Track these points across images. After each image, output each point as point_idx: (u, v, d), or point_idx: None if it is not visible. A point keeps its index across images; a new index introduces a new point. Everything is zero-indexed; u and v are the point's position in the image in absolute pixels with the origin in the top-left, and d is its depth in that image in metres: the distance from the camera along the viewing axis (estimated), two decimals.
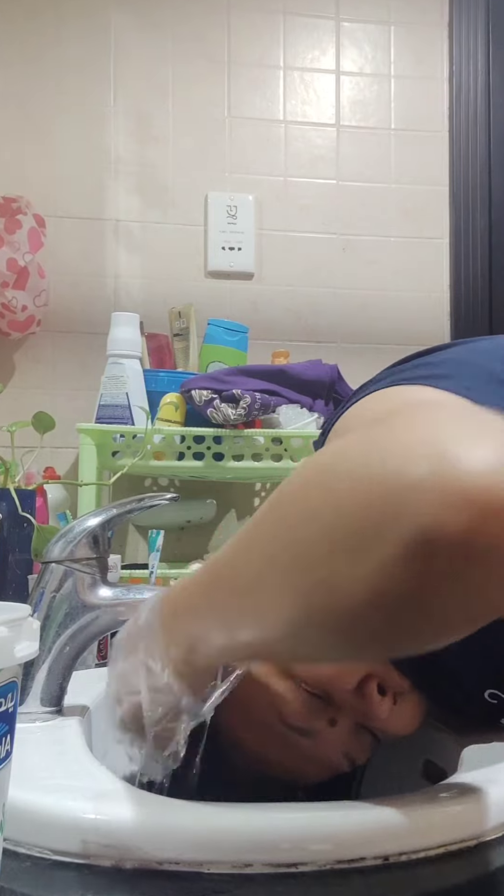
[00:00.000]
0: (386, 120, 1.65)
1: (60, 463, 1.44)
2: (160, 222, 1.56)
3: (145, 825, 0.43)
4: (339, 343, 1.59)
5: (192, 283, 1.55)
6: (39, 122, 1.52)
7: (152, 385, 1.32)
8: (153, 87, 1.57)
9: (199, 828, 0.43)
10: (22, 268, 1.38)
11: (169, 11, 1.57)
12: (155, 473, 1.42)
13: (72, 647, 0.67)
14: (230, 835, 0.43)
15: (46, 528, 1.00)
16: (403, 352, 0.65)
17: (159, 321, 1.47)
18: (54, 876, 0.42)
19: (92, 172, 1.54)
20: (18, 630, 0.38)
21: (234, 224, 1.57)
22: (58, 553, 0.68)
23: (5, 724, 0.36)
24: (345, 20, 1.64)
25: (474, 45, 1.68)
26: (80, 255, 1.52)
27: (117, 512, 0.72)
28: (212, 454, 1.24)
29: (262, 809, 0.46)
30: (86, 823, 0.43)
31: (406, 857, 0.44)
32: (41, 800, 0.46)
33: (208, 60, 1.59)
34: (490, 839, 0.47)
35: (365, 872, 0.42)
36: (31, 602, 0.67)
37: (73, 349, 1.50)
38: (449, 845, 0.45)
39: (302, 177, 1.61)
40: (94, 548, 0.69)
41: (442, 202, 1.65)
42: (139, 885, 0.41)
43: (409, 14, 1.66)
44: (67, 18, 1.53)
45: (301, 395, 1.31)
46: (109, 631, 0.71)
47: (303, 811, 0.46)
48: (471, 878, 0.43)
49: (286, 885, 0.41)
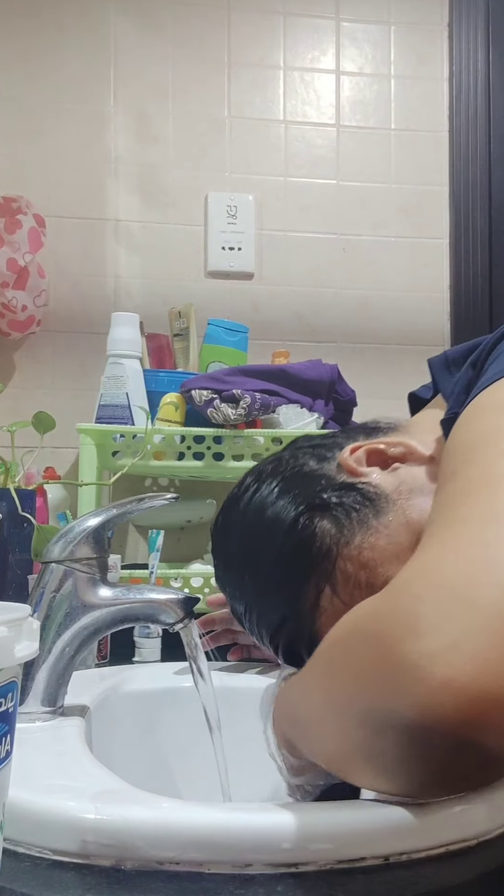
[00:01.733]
0: (386, 120, 1.65)
1: (60, 463, 1.44)
2: (160, 222, 1.56)
3: (145, 825, 0.43)
4: (339, 343, 1.59)
5: (192, 283, 1.55)
6: (39, 122, 1.52)
7: (152, 385, 1.32)
8: (153, 87, 1.57)
9: (199, 828, 0.43)
10: (22, 268, 1.38)
11: (169, 11, 1.57)
12: (155, 473, 1.42)
13: (72, 647, 0.67)
14: (230, 835, 0.43)
15: (46, 528, 1.00)
16: (403, 352, 0.66)
17: (159, 321, 1.47)
18: (54, 876, 0.42)
19: (92, 172, 1.54)
20: (18, 630, 0.38)
21: (234, 224, 1.56)
22: (58, 553, 0.68)
23: (5, 724, 0.36)
24: (345, 20, 1.64)
25: (474, 45, 1.68)
26: (80, 255, 1.52)
27: (117, 512, 0.72)
28: (212, 454, 1.24)
29: (262, 809, 0.46)
30: (86, 823, 0.43)
31: (407, 856, 0.44)
32: (41, 800, 0.46)
33: (208, 61, 1.59)
34: (491, 838, 0.47)
35: (365, 872, 0.42)
36: (31, 602, 0.67)
37: (73, 349, 1.50)
38: (450, 845, 0.45)
39: (302, 177, 1.61)
40: (95, 548, 0.69)
41: (442, 202, 1.65)
42: (139, 885, 0.41)
43: (409, 14, 1.66)
44: (67, 18, 1.53)
45: (301, 395, 1.31)
46: (109, 631, 0.71)
47: (303, 811, 0.46)
48: (472, 877, 0.43)
49: (286, 885, 0.41)
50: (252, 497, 0.69)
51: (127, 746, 0.78)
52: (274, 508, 0.66)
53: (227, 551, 0.72)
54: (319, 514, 0.64)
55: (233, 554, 0.71)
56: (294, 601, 0.64)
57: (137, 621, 0.73)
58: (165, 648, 1.03)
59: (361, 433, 0.71)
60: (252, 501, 0.69)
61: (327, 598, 0.63)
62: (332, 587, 0.62)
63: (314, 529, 0.64)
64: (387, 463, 0.67)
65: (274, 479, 0.69)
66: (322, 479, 0.67)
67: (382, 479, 0.66)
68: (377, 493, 0.64)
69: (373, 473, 0.66)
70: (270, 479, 0.69)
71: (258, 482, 0.70)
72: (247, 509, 0.69)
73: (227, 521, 0.72)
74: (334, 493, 0.65)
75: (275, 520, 0.65)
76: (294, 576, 0.64)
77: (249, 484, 0.71)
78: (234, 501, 0.71)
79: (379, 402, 1.42)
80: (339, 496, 0.65)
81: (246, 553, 0.68)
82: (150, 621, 0.71)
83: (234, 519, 0.71)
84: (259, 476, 0.71)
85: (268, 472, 0.70)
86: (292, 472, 0.69)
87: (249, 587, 0.68)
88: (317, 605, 0.63)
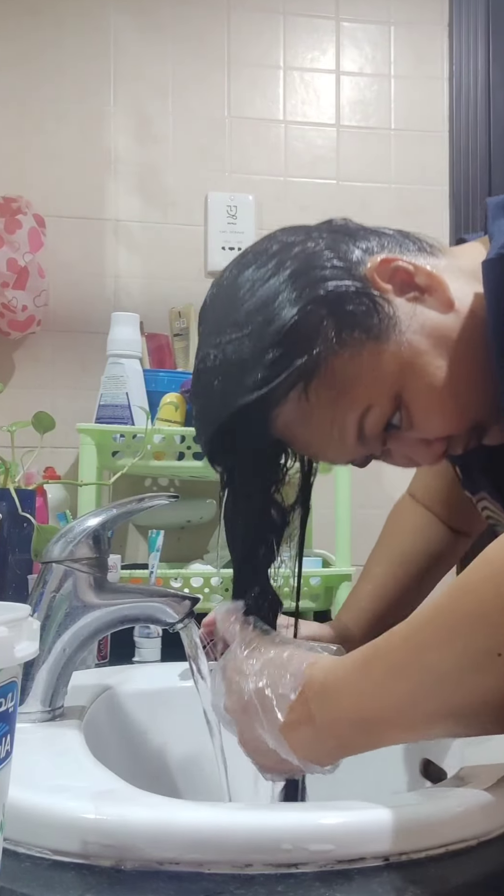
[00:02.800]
0: (386, 120, 1.65)
1: (60, 463, 1.44)
2: (160, 222, 1.56)
3: (145, 825, 0.43)
4: None
5: (192, 283, 1.55)
6: (39, 122, 1.52)
7: (152, 385, 1.32)
8: (153, 87, 1.57)
9: (199, 828, 0.43)
10: (22, 268, 1.38)
11: (169, 11, 1.57)
12: (155, 473, 1.42)
13: (72, 647, 0.67)
14: (230, 835, 0.43)
15: (46, 528, 1.00)
16: None
17: (159, 321, 1.47)
18: (54, 876, 0.42)
19: (92, 172, 1.54)
20: (18, 630, 0.38)
21: (234, 224, 1.56)
22: (58, 553, 0.68)
23: (5, 724, 0.36)
24: (345, 20, 1.64)
25: (474, 45, 1.68)
26: (80, 255, 1.52)
27: (117, 512, 0.72)
28: None
29: (262, 809, 0.46)
30: (86, 823, 0.44)
31: (406, 857, 0.44)
32: (41, 800, 0.46)
33: (208, 60, 1.59)
34: (491, 839, 0.47)
35: (365, 872, 0.42)
36: (31, 602, 0.67)
37: (72, 349, 1.50)
38: (450, 845, 0.45)
39: (302, 177, 1.61)
40: (94, 548, 0.69)
41: (442, 202, 1.65)
42: (139, 885, 0.41)
43: (409, 14, 1.66)
44: (67, 18, 1.53)
45: None
46: (109, 631, 0.71)
47: (303, 811, 0.46)
48: (472, 877, 0.43)
49: (286, 885, 0.41)
50: (255, 271, 0.63)
51: (127, 746, 0.78)
52: (273, 286, 0.61)
53: (209, 316, 0.66)
54: (326, 309, 0.60)
55: (221, 321, 0.64)
56: (261, 385, 0.59)
57: (137, 621, 0.73)
58: (165, 648, 1.03)
59: (397, 245, 0.65)
60: (254, 277, 0.62)
61: (295, 396, 0.60)
62: (305, 385, 0.59)
63: (316, 322, 0.59)
64: (407, 288, 0.62)
65: (288, 254, 0.62)
66: (341, 275, 0.61)
67: (401, 305, 0.62)
68: (390, 318, 0.61)
69: (390, 293, 0.62)
70: (282, 255, 0.62)
71: (274, 253, 0.63)
72: (253, 281, 0.62)
73: (232, 284, 0.65)
74: (350, 295, 0.60)
75: (273, 298, 0.60)
76: (275, 362, 0.59)
77: (268, 246, 0.64)
78: (242, 267, 0.65)
79: None
80: (354, 300, 0.60)
81: (235, 323, 0.62)
82: (150, 621, 0.71)
83: (241, 281, 0.64)
84: (279, 245, 0.64)
85: (283, 247, 0.63)
86: (312, 254, 0.62)
87: (219, 360, 0.62)
88: (283, 397, 0.60)
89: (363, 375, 0.61)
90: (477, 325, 0.61)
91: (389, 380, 0.61)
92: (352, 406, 0.61)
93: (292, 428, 0.62)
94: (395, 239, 0.66)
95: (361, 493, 1.40)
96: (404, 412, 0.62)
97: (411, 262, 0.62)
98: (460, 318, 0.62)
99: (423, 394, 0.61)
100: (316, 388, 0.60)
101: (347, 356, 0.60)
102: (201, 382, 0.64)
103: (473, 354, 0.61)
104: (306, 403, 0.60)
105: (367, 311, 0.60)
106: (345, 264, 0.62)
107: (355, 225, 0.68)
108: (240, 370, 0.60)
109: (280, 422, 0.62)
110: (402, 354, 0.61)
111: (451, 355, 0.61)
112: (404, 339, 0.61)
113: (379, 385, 0.61)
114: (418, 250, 0.65)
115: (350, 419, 0.61)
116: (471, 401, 0.63)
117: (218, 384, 0.61)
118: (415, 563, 0.91)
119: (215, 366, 0.62)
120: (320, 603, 1.28)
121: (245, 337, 0.60)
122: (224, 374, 0.61)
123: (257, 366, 0.59)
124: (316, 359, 0.59)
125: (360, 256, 0.63)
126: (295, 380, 0.59)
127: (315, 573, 1.26)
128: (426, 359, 0.61)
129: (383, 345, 0.60)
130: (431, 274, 0.62)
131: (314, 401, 0.60)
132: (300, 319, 0.59)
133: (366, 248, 0.64)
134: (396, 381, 0.61)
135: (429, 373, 0.61)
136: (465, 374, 0.62)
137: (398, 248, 0.64)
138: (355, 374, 0.60)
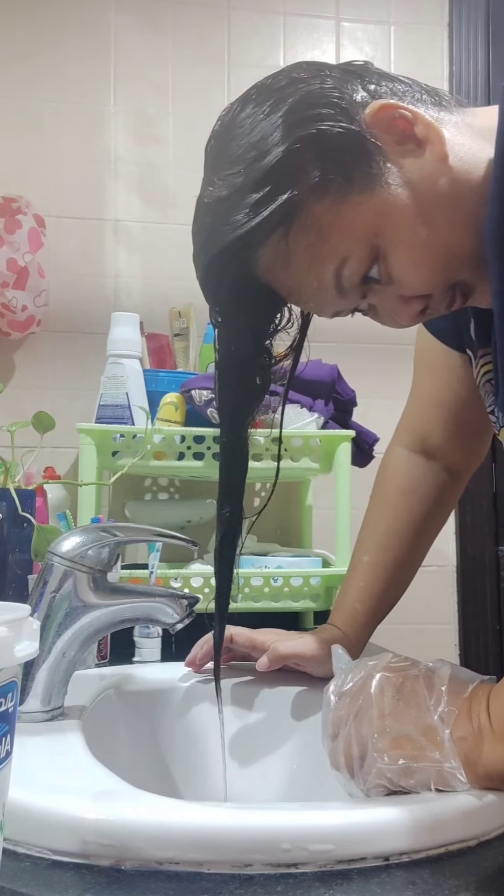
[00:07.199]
0: None
1: (60, 463, 1.44)
2: (160, 222, 1.56)
3: (145, 825, 0.43)
4: (339, 343, 1.59)
5: (192, 283, 1.53)
6: (39, 122, 1.52)
7: (152, 385, 1.32)
8: (153, 87, 1.57)
9: (199, 828, 0.43)
10: (22, 268, 1.38)
11: (169, 11, 1.57)
12: (155, 473, 1.42)
13: (72, 647, 0.67)
14: (230, 835, 0.43)
15: (46, 528, 1.00)
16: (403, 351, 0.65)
17: (159, 321, 1.47)
18: (54, 876, 0.42)
19: (92, 172, 1.54)
20: (18, 630, 0.38)
21: None
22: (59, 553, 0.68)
23: (5, 724, 0.36)
24: (345, 20, 1.64)
25: (474, 45, 1.68)
26: (80, 255, 1.52)
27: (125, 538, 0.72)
28: (212, 454, 1.24)
29: (262, 809, 0.46)
30: (85, 823, 0.44)
31: (406, 857, 0.44)
32: (41, 800, 0.46)
33: (208, 60, 1.59)
34: (490, 839, 0.47)
35: (365, 872, 0.42)
36: (31, 602, 0.67)
37: (73, 349, 1.50)
38: (449, 845, 0.45)
39: None
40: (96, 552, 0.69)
41: None
42: (139, 885, 0.41)
43: (409, 14, 1.66)
44: (67, 18, 1.53)
45: (301, 394, 1.31)
46: (109, 631, 0.71)
47: (303, 811, 0.46)
48: (471, 877, 0.43)
49: (286, 885, 0.41)
50: (255, 108, 0.61)
51: (127, 746, 0.78)
52: (269, 123, 0.59)
53: (210, 150, 0.66)
54: (314, 150, 0.58)
55: (219, 157, 0.63)
56: (244, 223, 0.58)
57: (137, 621, 0.74)
58: (165, 648, 1.03)
59: (410, 93, 0.63)
60: (254, 112, 0.61)
61: (276, 239, 0.59)
62: (286, 230, 0.59)
63: (301, 162, 0.58)
64: (404, 138, 0.59)
65: (291, 90, 0.60)
66: (336, 116, 0.58)
67: (393, 155, 0.59)
68: (379, 167, 0.58)
69: (385, 141, 0.59)
70: (284, 90, 0.60)
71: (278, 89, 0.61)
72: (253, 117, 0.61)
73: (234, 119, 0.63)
74: (341, 137, 0.58)
75: (267, 135, 0.59)
76: (258, 201, 0.58)
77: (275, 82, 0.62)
78: (245, 102, 0.63)
79: (379, 402, 1.42)
80: (343, 144, 0.58)
81: (230, 160, 0.61)
82: (150, 621, 0.71)
83: (241, 116, 0.62)
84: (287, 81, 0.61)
85: (289, 83, 0.61)
86: (313, 92, 0.60)
87: (214, 197, 0.61)
88: (265, 239, 0.59)
89: (342, 225, 0.59)
90: (472, 184, 0.60)
91: (368, 231, 0.59)
92: (330, 254, 0.60)
93: (275, 272, 0.62)
94: (411, 88, 0.63)
95: (361, 493, 1.40)
96: (382, 265, 0.60)
97: (411, 110, 0.59)
98: (453, 173, 0.60)
99: (400, 247, 0.60)
100: (295, 233, 0.59)
101: (328, 203, 0.59)
102: (197, 220, 0.64)
103: (458, 212, 0.60)
104: (286, 248, 0.60)
105: (355, 158, 0.58)
106: (345, 105, 0.59)
107: (375, 69, 0.65)
108: (228, 208, 0.60)
109: (263, 264, 0.61)
110: (383, 206, 0.59)
111: (433, 211, 0.59)
112: (389, 192, 0.59)
113: (357, 235, 0.59)
114: (432, 103, 0.63)
115: (328, 268, 0.60)
116: (451, 258, 0.61)
117: (209, 221, 0.61)
118: (406, 534, 0.88)
119: (209, 203, 0.62)
120: (320, 603, 1.28)
121: (237, 174, 0.59)
122: (214, 212, 0.61)
123: (242, 204, 0.59)
124: (296, 200, 0.58)
125: (364, 98, 0.60)
126: (276, 221, 0.58)
127: (315, 573, 1.26)
128: (408, 212, 0.59)
129: (366, 195, 0.58)
130: (430, 125, 0.60)
131: (293, 246, 0.59)
132: (284, 157, 0.58)
133: (373, 90, 0.61)
134: (375, 233, 0.59)
135: (408, 226, 0.59)
136: (446, 231, 0.60)
137: (409, 97, 0.62)
138: (334, 222, 0.59)
